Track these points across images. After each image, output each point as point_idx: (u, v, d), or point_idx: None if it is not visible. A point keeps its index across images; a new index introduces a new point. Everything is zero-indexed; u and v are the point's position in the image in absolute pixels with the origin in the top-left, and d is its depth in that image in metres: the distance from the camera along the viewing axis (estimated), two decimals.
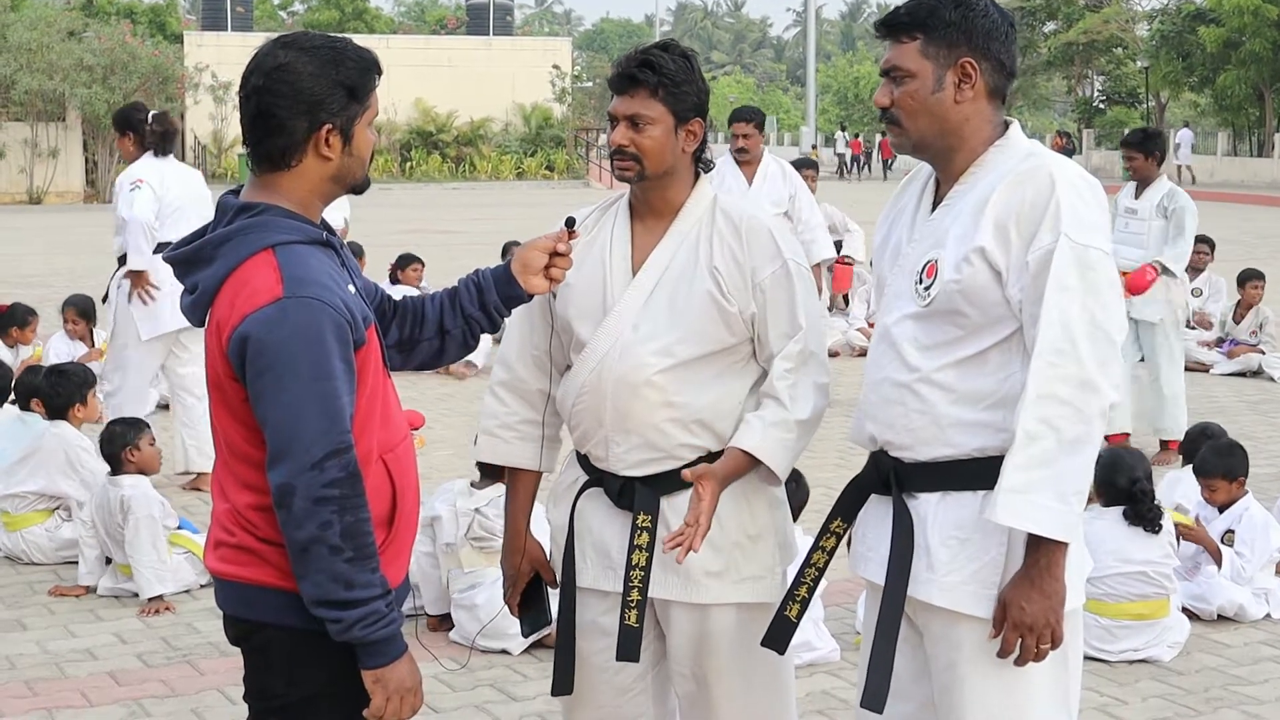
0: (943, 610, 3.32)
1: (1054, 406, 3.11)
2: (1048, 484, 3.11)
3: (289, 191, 3.13)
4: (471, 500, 6.35)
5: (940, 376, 3.30)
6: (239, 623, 3.18)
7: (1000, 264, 3.20)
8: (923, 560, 3.32)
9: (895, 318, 3.39)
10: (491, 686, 5.86)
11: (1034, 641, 3.19)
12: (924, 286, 3.31)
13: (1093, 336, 3.13)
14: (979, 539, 3.27)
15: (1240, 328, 13.55)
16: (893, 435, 3.38)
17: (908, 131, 3.37)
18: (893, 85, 3.37)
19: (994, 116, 3.36)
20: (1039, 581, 3.17)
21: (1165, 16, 55.10)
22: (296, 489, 2.94)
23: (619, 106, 3.65)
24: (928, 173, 3.51)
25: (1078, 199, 3.19)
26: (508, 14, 58.63)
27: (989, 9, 3.34)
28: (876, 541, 3.46)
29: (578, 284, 3.72)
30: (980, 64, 3.31)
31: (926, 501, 3.35)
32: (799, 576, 3.60)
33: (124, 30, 43.37)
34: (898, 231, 3.53)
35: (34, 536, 7.54)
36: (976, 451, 3.27)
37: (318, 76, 3.06)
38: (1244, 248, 25.94)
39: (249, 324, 2.97)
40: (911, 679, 3.48)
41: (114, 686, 5.91)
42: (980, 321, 3.26)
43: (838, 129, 64.41)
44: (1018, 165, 3.26)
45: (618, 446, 3.67)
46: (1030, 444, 3.11)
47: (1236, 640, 6.45)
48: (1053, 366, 3.11)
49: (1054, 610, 3.18)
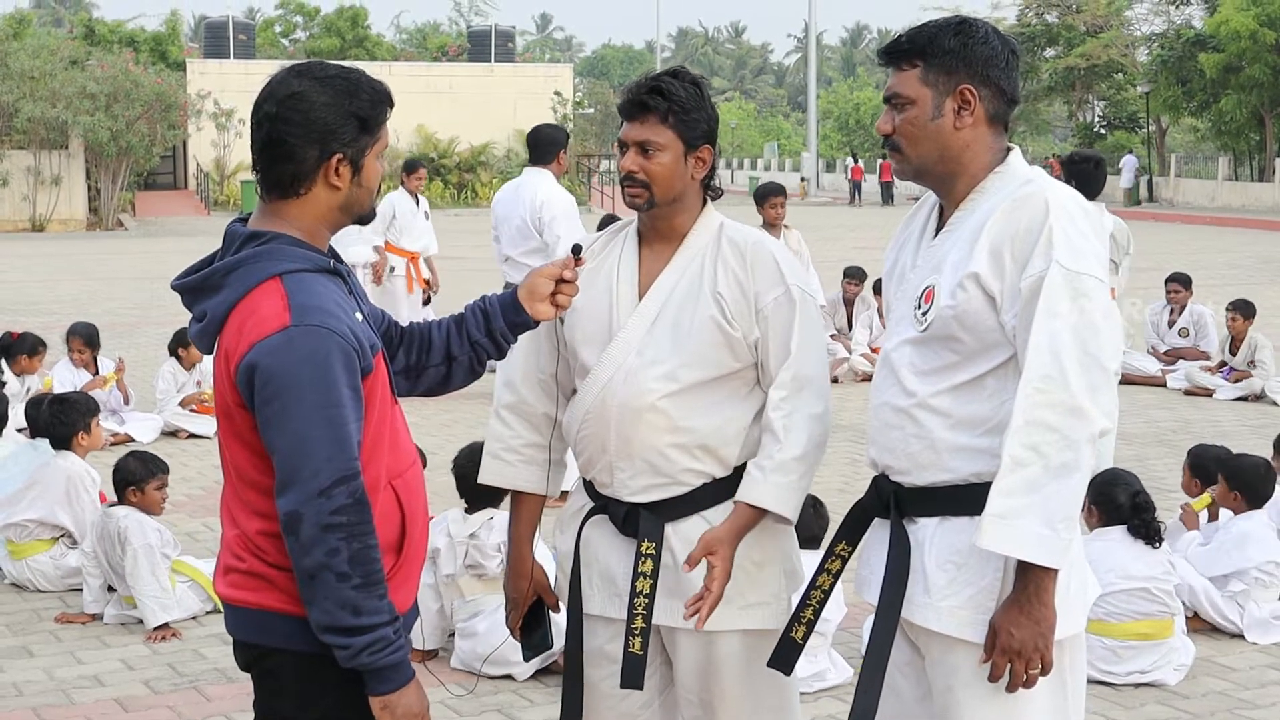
0: (940, 634, 3.33)
1: (1041, 433, 3.11)
2: (1034, 510, 3.10)
3: (296, 219, 3.14)
4: (465, 526, 6.35)
5: (937, 402, 3.32)
6: (249, 648, 3.19)
7: (994, 290, 3.22)
8: (919, 584, 3.34)
9: (895, 343, 3.42)
10: (498, 712, 5.86)
11: (1023, 667, 3.19)
12: (921, 312, 3.33)
13: (1083, 363, 3.12)
14: (975, 564, 3.28)
15: (1237, 359, 13.55)
16: (892, 460, 3.40)
17: (909, 158, 3.40)
18: (894, 112, 3.40)
19: (995, 143, 3.38)
20: (1027, 607, 3.17)
21: (1165, 41, 55.19)
22: (304, 516, 2.95)
23: (629, 133, 3.66)
24: (934, 199, 3.53)
25: (1071, 226, 3.19)
26: (509, 40, 58.76)
27: (989, 36, 3.36)
28: (879, 565, 3.46)
29: (584, 309, 3.73)
30: (979, 90, 3.33)
31: (925, 526, 3.36)
32: (804, 599, 3.62)
33: (126, 58, 43.47)
34: (904, 257, 3.55)
35: (39, 564, 7.55)
36: (973, 477, 3.28)
37: (331, 106, 3.09)
38: (1245, 272, 25.98)
39: (257, 352, 2.98)
40: (916, 701, 3.50)
41: (121, 713, 5.91)
42: (975, 347, 3.28)
43: (848, 156, 64.38)
44: (1014, 191, 3.27)
45: (622, 472, 3.68)
46: (1016, 470, 3.12)
47: (1242, 664, 6.45)
48: (1040, 393, 3.11)
49: (1043, 636, 3.17)
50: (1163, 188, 53.81)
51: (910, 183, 3.57)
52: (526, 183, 9.17)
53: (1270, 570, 6.82)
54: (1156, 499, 6.67)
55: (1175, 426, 11.95)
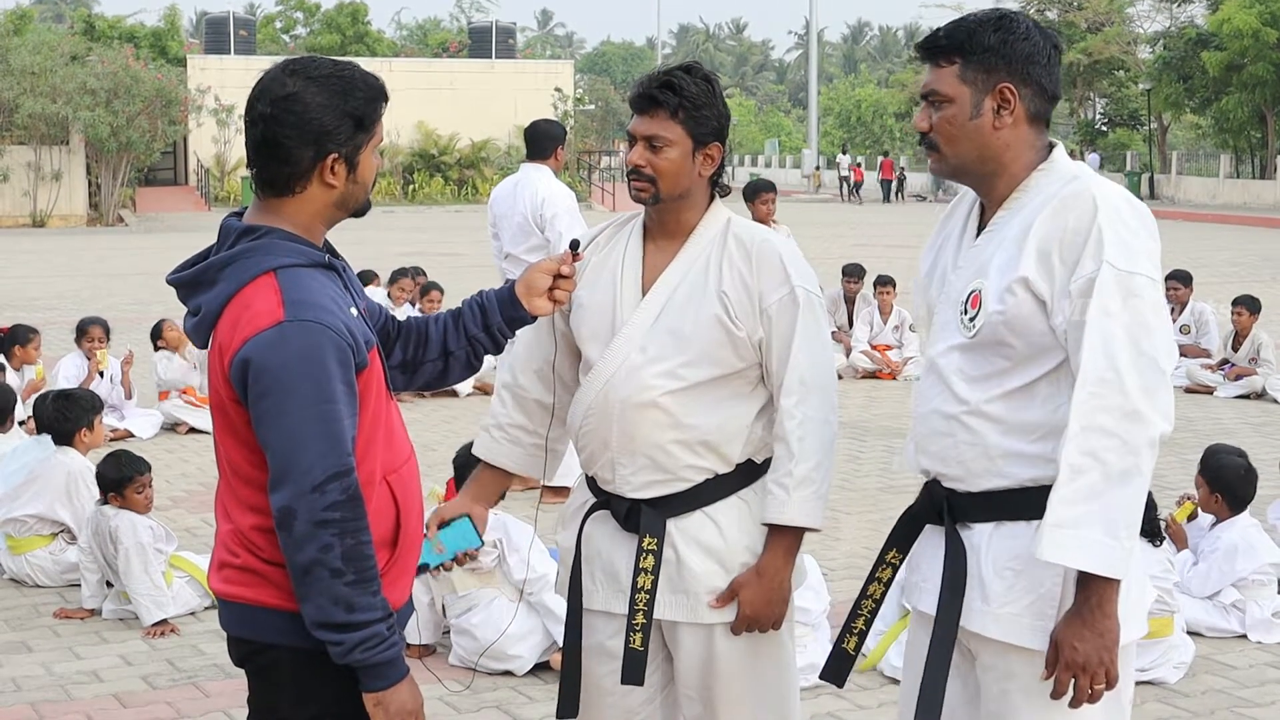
0: (996, 641, 3.25)
1: (1099, 438, 3.02)
2: (1095, 518, 3.01)
3: (292, 215, 3.13)
4: None
5: (990, 408, 3.23)
6: (243, 643, 3.18)
7: (1044, 293, 3.13)
8: (976, 591, 3.25)
9: (941, 349, 3.32)
10: (497, 709, 5.85)
11: (1087, 682, 3.09)
12: (969, 318, 3.23)
13: (1138, 365, 3.04)
14: (1034, 570, 3.17)
15: (1239, 355, 13.54)
16: (944, 467, 3.32)
17: (946, 157, 3.30)
18: (931, 110, 3.29)
19: (1036, 141, 3.28)
20: (1090, 620, 3.07)
21: (1168, 39, 55.18)
22: (297, 512, 2.94)
23: (638, 126, 3.64)
24: (973, 197, 3.42)
25: (1121, 225, 3.10)
26: (510, 37, 58.72)
27: (1030, 32, 3.25)
28: (930, 572, 3.38)
29: (589, 304, 3.72)
30: (1020, 89, 3.23)
31: (980, 532, 3.27)
32: (855, 609, 3.55)
33: (127, 54, 43.44)
34: (944, 258, 3.44)
35: (38, 559, 7.55)
36: (1030, 482, 3.19)
37: (326, 107, 3.06)
38: (1247, 269, 25.98)
39: (250, 347, 2.97)
40: (963, 703, 3.41)
41: (119, 709, 5.90)
42: (1027, 353, 3.19)
43: (839, 151, 64.49)
44: (1060, 190, 3.17)
45: (624, 468, 3.67)
46: (1076, 477, 3.02)
47: (1242, 662, 6.44)
48: (1096, 397, 3.02)
49: (1108, 649, 3.08)
50: (1164, 185, 53.82)
51: (947, 180, 3.45)
52: (526, 179, 9.10)
53: (1266, 571, 6.80)
54: (1157, 497, 6.65)
55: (1176, 425, 11.72)
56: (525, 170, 9.18)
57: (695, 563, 3.64)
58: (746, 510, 3.66)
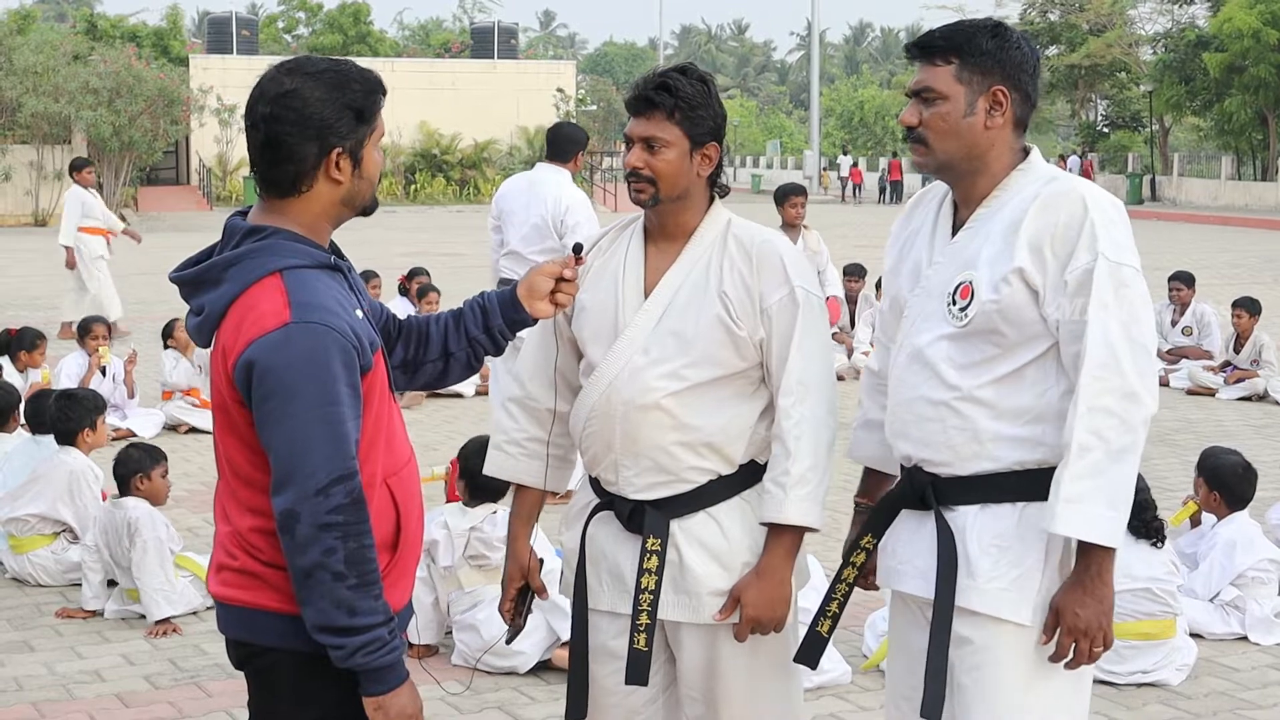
0: (978, 615, 3.39)
1: (1102, 418, 3.23)
2: (1099, 493, 3.24)
3: (298, 215, 3.12)
4: (465, 520, 6.35)
5: (981, 394, 3.39)
6: (242, 646, 3.18)
7: (1037, 284, 3.31)
8: (962, 568, 3.41)
9: (928, 338, 3.45)
10: (499, 709, 5.85)
11: (1088, 645, 3.31)
12: (959, 308, 3.39)
13: (1133, 350, 3.25)
14: (1018, 547, 3.38)
15: (1241, 357, 13.53)
16: (929, 452, 3.46)
17: (934, 152, 3.45)
18: (922, 105, 3.45)
19: (1016, 143, 3.47)
20: (1091, 587, 3.30)
21: (1170, 41, 55.16)
22: (300, 515, 2.93)
23: (635, 128, 3.65)
24: (939, 195, 3.58)
25: (1109, 220, 3.31)
26: (512, 37, 58.73)
27: (1020, 42, 3.44)
28: (910, 555, 3.53)
29: (591, 307, 3.72)
30: (1011, 94, 3.41)
31: (964, 514, 3.43)
32: (830, 593, 3.68)
33: (129, 54, 43.46)
34: (914, 253, 3.58)
35: (40, 559, 7.56)
36: (1016, 465, 3.39)
37: (325, 101, 3.06)
38: (1248, 271, 25.97)
39: (255, 349, 2.96)
40: (906, 673, 3.59)
41: (121, 709, 5.90)
42: (1017, 340, 3.36)
43: (840, 153, 64.50)
44: (1043, 189, 3.36)
45: (627, 470, 3.67)
46: (1083, 455, 3.23)
47: (1245, 664, 6.44)
48: (1099, 380, 3.23)
49: (1105, 614, 3.31)
50: (1165, 187, 53.78)
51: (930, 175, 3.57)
52: (545, 180, 8.78)
53: (1265, 568, 6.80)
54: (1158, 499, 6.66)
55: (1178, 426, 11.94)
56: (543, 170, 8.87)
57: (698, 564, 3.64)
58: (749, 511, 3.66)
